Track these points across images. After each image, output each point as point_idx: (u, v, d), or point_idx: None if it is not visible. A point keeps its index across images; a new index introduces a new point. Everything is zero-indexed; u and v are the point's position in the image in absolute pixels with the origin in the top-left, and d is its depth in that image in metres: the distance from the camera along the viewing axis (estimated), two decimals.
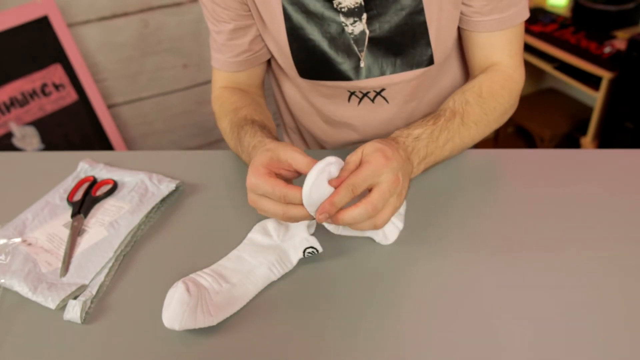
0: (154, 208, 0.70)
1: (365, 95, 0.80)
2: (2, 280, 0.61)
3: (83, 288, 0.60)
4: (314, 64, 0.76)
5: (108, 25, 1.49)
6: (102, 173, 0.78)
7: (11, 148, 1.40)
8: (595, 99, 1.76)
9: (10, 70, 1.36)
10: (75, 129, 1.50)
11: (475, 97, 0.70)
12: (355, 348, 0.51)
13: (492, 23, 0.72)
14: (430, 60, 0.75)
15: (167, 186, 0.73)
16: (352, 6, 0.70)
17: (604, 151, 0.76)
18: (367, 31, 0.72)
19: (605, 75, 1.66)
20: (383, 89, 0.78)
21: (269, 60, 0.86)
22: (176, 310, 0.52)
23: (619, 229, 0.62)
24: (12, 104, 1.38)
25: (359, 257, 0.61)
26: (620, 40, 1.75)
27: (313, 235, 0.61)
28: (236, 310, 0.56)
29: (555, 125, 2.05)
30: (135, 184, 0.74)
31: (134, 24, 1.52)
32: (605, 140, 1.82)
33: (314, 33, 0.73)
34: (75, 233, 0.67)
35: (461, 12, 0.73)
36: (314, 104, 0.86)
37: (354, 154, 0.56)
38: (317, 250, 0.60)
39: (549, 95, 2.24)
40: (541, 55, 1.88)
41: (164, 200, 0.72)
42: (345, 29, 0.72)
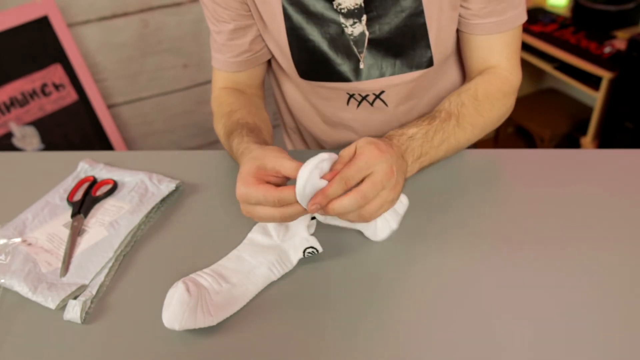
0: (154, 208, 0.70)
1: (364, 98, 0.80)
2: (2, 280, 0.61)
3: (83, 288, 0.60)
4: (314, 65, 0.76)
5: (108, 25, 1.49)
6: (102, 173, 0.78)
7: (11, 148, 1.40)
8: (595, 99, 1.76)
9: (10, 70, 1.36)
10: (75, 129, 1.50)
11: (471, 99, 0.70)
12: (355, 348, 0.51)
13: (490, 26, 0.72)
14: (429, 61, 0.75)
15: (167, 186, 0.73)
16: (352, 7, 0.70)
17: (604, 151, 0.75)
18: (367, 33, 0.72)
19: (605, 75, 1.66)
20: (382, 92, 0.78)
21: (269, 61, 0.86)
22: (176, 310, 0.52)
23: (619, 229, 0.62)
24: (12, 104, 1.38)
25: (359, 257, 0.61)
26: (620, 40, 1.75)
27: (313, 235, 0.61)
28: (236, 310, 0.56)
29: (555, 125, 2.05)
30: (135, 184, 0.74)
31: (134, 24, 1.52)
32: (605, 140, 1.82)
33: (313, 34, 0.73)
34: (75, 233, 0.67)
35: (459, 15, 0.73)
36: (313, 105, 0.86)
37: (347, 148, 0.55)
38: (317, 250, 0.60)
39: (549, 95, 2.24)
40: (541, 55, 1.88)
41: (164, 200, 0.73)
42: (345, 30, 0.72)
